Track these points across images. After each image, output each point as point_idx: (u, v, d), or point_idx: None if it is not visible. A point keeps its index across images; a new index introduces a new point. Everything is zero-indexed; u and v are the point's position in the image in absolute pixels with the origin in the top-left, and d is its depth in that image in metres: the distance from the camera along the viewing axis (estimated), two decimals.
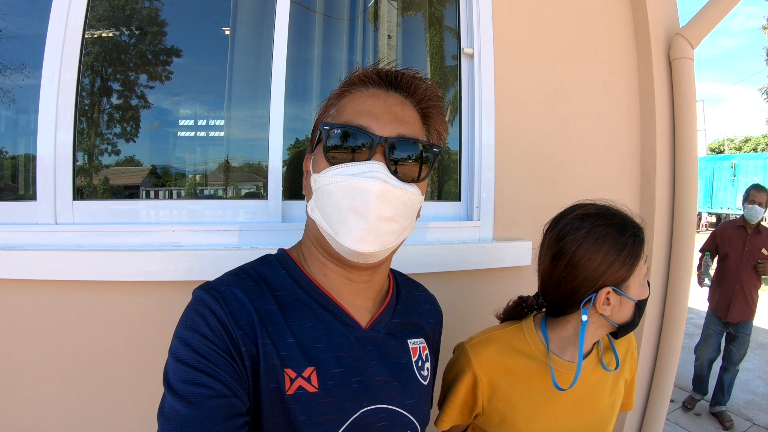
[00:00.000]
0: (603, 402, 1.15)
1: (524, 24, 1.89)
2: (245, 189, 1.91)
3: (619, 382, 1.20)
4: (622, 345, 1.23)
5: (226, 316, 0.74)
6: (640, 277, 1.06)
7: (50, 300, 1.30)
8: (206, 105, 1.91)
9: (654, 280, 2.16)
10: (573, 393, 1.09)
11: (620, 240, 1.05)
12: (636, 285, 1.06)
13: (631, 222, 1.09)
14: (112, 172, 1.70)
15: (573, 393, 1.09)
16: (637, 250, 1.06)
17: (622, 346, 1.22)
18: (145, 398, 1.32)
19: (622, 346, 1.22)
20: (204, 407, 0.67)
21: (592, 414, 1.14)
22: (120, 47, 1.73)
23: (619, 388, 1.20)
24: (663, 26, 2.17)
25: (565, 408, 1.11)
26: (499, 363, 1.14)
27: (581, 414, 1.12)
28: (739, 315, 4.05)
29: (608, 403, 1.16)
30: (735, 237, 4.15)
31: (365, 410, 0.82)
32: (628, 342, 1.24)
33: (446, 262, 1.62)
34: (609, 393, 1.16)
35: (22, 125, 1.59)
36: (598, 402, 1.15)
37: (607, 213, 1.09)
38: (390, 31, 2.06)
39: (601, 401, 1.15)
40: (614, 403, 1.18)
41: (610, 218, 1.07)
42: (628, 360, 1.23)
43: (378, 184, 0.77)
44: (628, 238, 1.05)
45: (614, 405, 1.18)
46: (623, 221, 1.08)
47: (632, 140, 2.18)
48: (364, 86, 0.88)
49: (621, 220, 1.08)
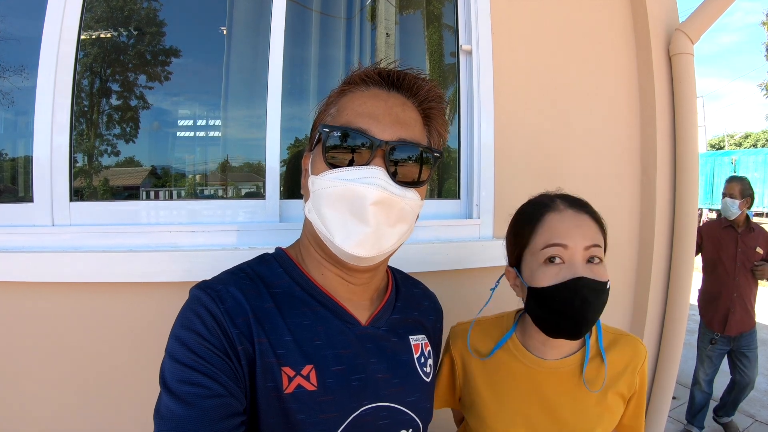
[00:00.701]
0: (584, 412, 1.04)
1: (522, 20, 1.89)
2: (245, 189, 1.91)
3: (609, 394, 1.05)
4: (622, 356, 1.08)
5: (222, 315, 0.74)
6: (533, 263, 1.00)
7: (48, 302, 1.30)
8: (205, 105, 1.91)
9: (655, 276, 2.16)
10: (541, 392, 1.05)
11: (516, 218, 1.10)
12: (528, 269, 1.02)
13: (533, 202, 1.09)
14: (112, 173, 1.70)
15: (541, 392, 1.05)
16: (519, 228, 1.07)
17: (621, 358, 1.07)
18: (143, 399, 1.31)
19: (621, 357, 1.07)
20: (200, 407, 0.67)
21: (566, 423, 1.03)
22: (118, 48, 1.73)
23: (610, 402, 1.05)
24: (662, 21, 2.16)
25: (532, 405, 1.05)
26: (472, 347, 1.15)
27: (552, 418, 1.04)
28: (739, 326, 3.52)
29: (592, 415, 1.04)
30: (725, 239, 3.65)
31: (366, 408, 0.81)
32: (631, 354, 1.08)
33: (446, 261, 1.62)
34: (594, 404, 1.04)
35: (21, 127, 1.59)
36: (577, 410, 1.04)
37: (540, 196, 1.11)
38: (388, 30, 2.06)
39: (582, 411, 1.04)
40: (601, 416, 1.04)
41: (534, 199, 1.10)
42: (626, 375, 1.07)
43: (377, 190, 0.76)
44: (518, 215, 1.10)
45: (601, 418, 1.04)
46: (533, 202, 1.09)
47: (632, 136, 2.17)
48: (365, 85, 0.87)
49: (535, 200, 1.09)
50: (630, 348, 1.09)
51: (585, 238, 0.97)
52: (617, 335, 1.12)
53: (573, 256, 0.96)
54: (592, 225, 1.00)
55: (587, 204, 1.06)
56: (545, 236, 0.99)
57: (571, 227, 0.98)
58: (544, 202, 1.06)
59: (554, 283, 0.95)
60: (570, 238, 0.96)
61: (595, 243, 0.97)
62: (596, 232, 1.00)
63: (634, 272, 2.20)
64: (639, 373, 1.07)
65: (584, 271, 0.94)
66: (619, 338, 1.11)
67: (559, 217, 1.01)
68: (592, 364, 1.06)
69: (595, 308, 0.96)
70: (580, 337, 0.99)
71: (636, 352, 1.08)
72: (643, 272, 2.17)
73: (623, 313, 2.19)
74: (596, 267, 0.97)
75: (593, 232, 0.99)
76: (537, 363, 1.07)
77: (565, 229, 0.98)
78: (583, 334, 0.98)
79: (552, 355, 1.07)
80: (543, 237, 0.99)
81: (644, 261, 2.17)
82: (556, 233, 0.98)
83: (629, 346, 1.09)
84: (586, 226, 0.99)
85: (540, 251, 0.99)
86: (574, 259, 0.96)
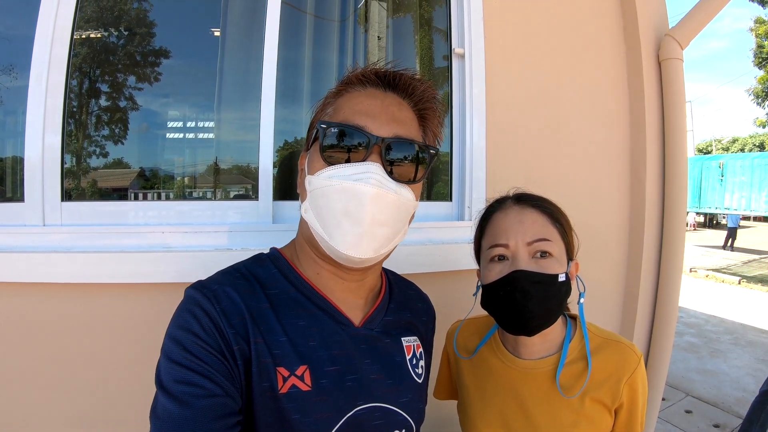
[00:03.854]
0: (557, 417, 1.00)
1: (515, 24, 1.90)
2: (234, 191, 1.89)
3: (586, 401, 0.99)
4: (606, 363, 1.01)
5: (217, 315, 0.74)
6: (484, 261, 1.04)
7: (39, 303, 1.28)
8: (195, 107, 1.90)
9: (645, 279, 2.17)
10: (517, 391, 1.05)
11: (476, 222, 1.12)
12: (482, 268, 1.05)
13: (488, 204, 1.11)
14: (100, 174, 1.68)
15: (517, 391, 1.05)
16: (476, 231, 1.11)
17: (605, 365, 1.01)
18: (137, 400, 1.31)
19: (606, 365, 1.01)
20: (196, 407, 0.67)
21: (539, 425, 1.00)
22: (108, 48, 1.71)
23: (588, 410, 0.99)
24: (652, 27, 2.19)
25: (509, 404, 1.05)
26: (462, 343, 1.19)
27: (527, 419, 1.02)
28: None
29: (566, 421, 0.99)
30: None
31: (359, 409, 0.81)
32: (619, 363, 1.01)
33: (438, 262, 1.62)
34: (569, 410, 0.99)
35: (9, 127, 1.57)
36: (550, 414, 1.00)
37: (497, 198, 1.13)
38: (380, 33, 2.06)
39: (555, 416, 1.00)
40: (576, 423, 0.99)
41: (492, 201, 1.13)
42: (610, 383, 0.99)
43: (372, 187, 0.77)
44: (476, 219, 1.12)
45: (576, 426, 0.98)
46: (488, 204, 1.12)
47: (622, 140, 2.19)
48: (362, 86, 0.88)
49: (491, 202, 1.12)
50: (618, 355, 1.02)
51: (527, 233, 0.97)
52: (606, 340, 1.05)
53: (515, 253, 0.97)
54: (539, 219, 1.00)
55: (538, 198, 1.05)
56: (490, 237, 1.02)
57: (513, 224, 0.99)
58: (494, 204, 1.09)
59: (497, 278, 0.97)
60: (511, 236, 0.98)
61: (539, 237, 0.97)
62: (543, 226, 0.99)
63: (624, 274, 2.21)
64: (627, 384, 0.99)
65: (526, 265, 0.95)
66: (607, 344, 1.04)
67: (503, 215, 1.03)
68: (570, 368, 1.02)
69: (540, 301, 0.94)
70: (533, 332, 0.98)
71: (624, 361, 1.01)
72: (632, 274, 2.19)
73: (612, 314, 2.20)
74: (543, 261, 0.96)
75: (539, 226, 0.99)
76: (513, 361, 1.08)
77: (507, 227, 0.99)
78: (535, 329, 0.98)
79: (527, 354, 1.06)
80: (489, 238, 1.03)
81: (634, 263, 2.19)
82: (499, 233, 1.00)
83: (618, 354, 1.02)
84: (529, 221, 0.99)
85: (487, 251, 1.02)
86: (517, 255, 0.97)
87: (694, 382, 4.86)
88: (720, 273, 11.11)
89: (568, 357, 1.03)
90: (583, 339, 1.05)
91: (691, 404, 4.36)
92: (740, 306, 8.28)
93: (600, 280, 2.12)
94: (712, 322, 7.28)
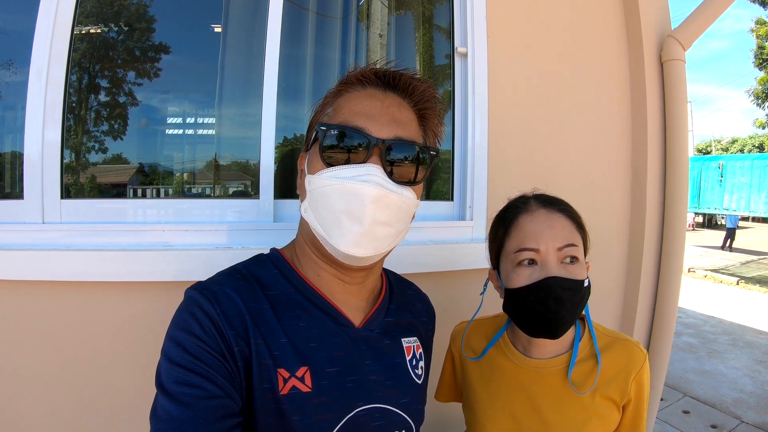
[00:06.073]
0: (568, 414, 1.01)
1: (518, 24, 1.90)
2: (234, 188, 1.88)
3: (596, 398, 1.01)
4: (615, 361, 1.03)
5: (218, 316, 0.74)
6: (508, 265, 1.02)
7: (38, 301, 1.28)
8: (195, 103, 1.89)
9: (645, 279, 2.17)
10: (528, 390, 1.05)
11: (494, 221, 1.11)
12: (504, 271, 1.04)
13: (509, 204, 1.10)
14: (99, 170, 1.67)
15: (528, 390, 1.05)
16: (495, 231, 1.09)
17: (614, 363, 1.03)
18: (136, 400, 1.31)
19: (614, 362, 1.03)
20: (196, 408, 0.67)
21: (551, 423, 1.02)
22: (108, 44, 1.70)
23: (598, 407, 1.01)
24: (655, 28, 2.18)
25: (519, 403, 1.05)
26: (468, 345, 1.18)
27: (538, 417, 1.03)
28: None
29: (577, 418, 1.01)
30: None
31: (360, 410, 0.81)
32: (626, 360, 1.04)
33: (439, 262, 1.62)
34: (580, 407, 1.01)
35: (8, 122, 1.56)
36: (561, 412, 1.02)
37: (516, 198, 1.11)
38: (381, 30, 2.05)
39: (567, 413, 1.02)
40: (587, 420, 1.00)
41: (511, 201, 1.11)
42: (619, 380, 1.02)
43: (374, 188, 0.76)
44: (495, 218, 1.11)
45: (587, 423, 1.00)
46: (508, 204, 1.10)
47: (624, 140, 2.19)
48: (362, 86, 0.87)
49: (511, 202, 1.10)
50: (626, 353, 1.05)
51: (557, 238, 0.97)
52: (614, 339, 1.08)
53: (546, 258, 0.96)
54: (567, 224, 1.00)
55: (562, 202, 1.05)
56: (517, 240, 1.00)
57: (543, 228, 0.98)
58: (517, 204, 1.07)
59: (527, 283, 0.96)
60: (542, 241, 0.97)
61: (569, 243, 0.97)
62: (571, 231, 0.99)
63: (624, 274, 2.21)
64: (635, 381, 1.02)
65: (558, 270, 0.95)
66: (614, 342, 1.07)
67: (530, 218, 1.01)
68: (580, 367, 1.04)
69: (571, 307, 0.95)
70: (558, 336, 0.98)
71: (632, 359, 1.04)
72: (632, 274, 2.19)
73: (612, 314, 2.20)
74: (571, 266, 0.97)
75: (567, 231, 0.98)
76: (524, 361, 1.08)
77: (537, 231, 0.98)
78: (561, 333, 0.98)
79: (539, 354, 1.07)
80: (516, 240, 1.00)
81: (634, 263, 2.19)
82: (528, 236, 0.98)
83: (625, 351, 1.05)
84: (559, 226, 0.99)
85: (513, 254, 1.00)
86: (548, 260, 0.96)
87: (692, 382, 4.87)
88: (718, 273, 11.13)
89: (578, 355, 1.05)
90: (591, 338, 1.06)
91: (689, 405, 4.37)
92: (738, 307, 8.30)
93: (600, 280, 2.11)
94: (711, 322, 7.29)
